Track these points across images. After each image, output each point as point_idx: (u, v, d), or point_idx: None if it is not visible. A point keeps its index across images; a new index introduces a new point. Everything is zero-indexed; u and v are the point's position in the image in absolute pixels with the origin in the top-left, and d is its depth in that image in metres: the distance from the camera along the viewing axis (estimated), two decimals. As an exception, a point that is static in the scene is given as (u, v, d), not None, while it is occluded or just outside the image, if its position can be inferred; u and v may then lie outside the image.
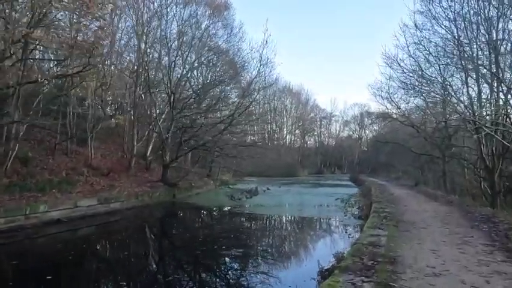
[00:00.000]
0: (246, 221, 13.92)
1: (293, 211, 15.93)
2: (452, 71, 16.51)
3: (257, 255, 8.90)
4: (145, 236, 12.48)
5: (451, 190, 24.61)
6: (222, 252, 8.94)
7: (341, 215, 14.36)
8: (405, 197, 17.24)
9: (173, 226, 13.99)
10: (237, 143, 22.93)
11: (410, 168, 36.98)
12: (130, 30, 21.82)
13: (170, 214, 16.47)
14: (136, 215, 15.31)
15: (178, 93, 20.04)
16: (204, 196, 21.09)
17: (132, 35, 21.37)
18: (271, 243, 10.24)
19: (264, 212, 15.47)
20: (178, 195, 20.28)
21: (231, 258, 8.60)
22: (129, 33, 22.31)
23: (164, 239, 11.95)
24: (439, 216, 10.35)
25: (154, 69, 21.24)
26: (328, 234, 11.93)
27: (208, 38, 20.79)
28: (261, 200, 18.67)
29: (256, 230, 12.31)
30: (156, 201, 18.02)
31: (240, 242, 10.10)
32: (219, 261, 8.55)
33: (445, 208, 12.54)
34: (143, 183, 19.93)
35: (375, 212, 10.94)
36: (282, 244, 9.87)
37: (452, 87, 14.11)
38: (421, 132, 26.13)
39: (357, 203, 16.18)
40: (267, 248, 9.62)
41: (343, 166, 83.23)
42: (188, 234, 12.15)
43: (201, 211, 17.02)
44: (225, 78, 20.46)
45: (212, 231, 12.31)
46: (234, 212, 15.75)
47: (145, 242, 11.52)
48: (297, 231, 12.13)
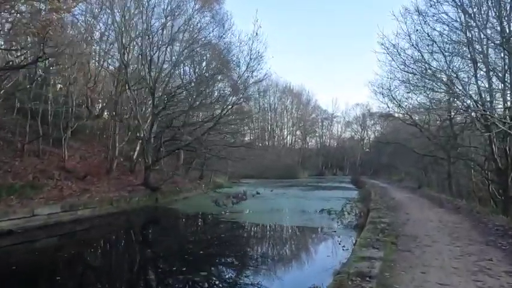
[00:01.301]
0: (223, 231, 12.33)
1: (281, 218, 14.37)
2: (458, 63, 14.96)
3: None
4: (111, 247, 10.99)
5: (457, 193, 23.00)
6: (180, 277, 7.41)
7: (335, 224, 12.79)
8: (407, 202, 15.65)
9: (144, 237, 12.40)
10: (225, 143, 21.39)
11: (413, 170, 35.41)
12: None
13: (146, 222, 14.92)
14: (109, 223, 13.80)
15: (160, 90, 18.57)
16: (190, 201, 19.57)
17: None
18: (236, 265, 8.62)
19: (248, 219, 13.88)
20: (161, 200, 18.76)
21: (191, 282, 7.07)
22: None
23: (131, 251, 10.43)
24: (446, 228, 8.77)
25: (136, 64, 19.76)
26: (311, 252, 10.29)
27: (198, 32, 19.25)
28: (249, 206, 17.12)
29: (229, 244, 10.69)
30: (135, 206, 16.50)
31: (203, 261, 8.54)
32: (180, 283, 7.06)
33: (453, 217, 10.95)
34: (123, 187, 18.44)
35: (371, 222, 9.37)
36: (245, 268, 8.14)
37: (459, 79, 12.47)
38: (424, 132, 24.54)
39: (353, 209, 14.61)
40: (226, 274, 8.02)
41: (345, 167, 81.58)
42: (156, 247, 10.62)
43: (181, 219, 15.47)
44: (212, 73, 18.90)
45: (183, 243, 10.74)
46: (215, 220, 14.22)
47: (109, 255, 10.03)
48: (275, 246, 10.49)
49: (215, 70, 18.79)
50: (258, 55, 18.40)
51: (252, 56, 18.19)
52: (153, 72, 17.85)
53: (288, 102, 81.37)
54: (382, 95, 24.34)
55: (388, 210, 12.05)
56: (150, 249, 10.46)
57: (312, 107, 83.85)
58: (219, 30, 19.72)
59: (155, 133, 18.39)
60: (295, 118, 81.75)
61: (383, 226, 8.71)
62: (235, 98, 19.31)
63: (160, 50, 18.02)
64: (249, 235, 11.87)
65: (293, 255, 9.78)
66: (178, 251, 9.76)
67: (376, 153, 55.91)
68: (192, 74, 19.69)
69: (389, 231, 8.11)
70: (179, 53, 18.44)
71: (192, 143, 18.75)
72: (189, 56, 18.62)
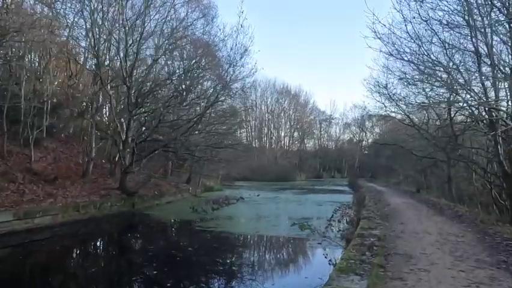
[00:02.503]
0: (192, 243, 10.85)
1: (263, 227, 12.98)
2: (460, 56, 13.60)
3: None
4: (60, 262, 9.57)
5: (457, 198, 21.67)
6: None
7: (322, 232, 11.39)
8: (404, 208, 14.26)
9: (100, 250, 10.97)
10: (208, 144, 19.99)
11: (412, 173, 34.12)
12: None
13: (111, 231, 13.40)
14: (72, 232, 12.34)
15: (137, 87, 17.18)
16: (171, 206, 18.16)
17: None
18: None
19: (226, 228, 12.46)
20: (139, 205, 17.37)
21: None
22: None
23: (77, 267, 9.02)
24: (448, 243, 7.39)
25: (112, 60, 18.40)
26: (289, 269, 8.90)
27: (179, 23, 17.87)
28: (231, 212, 15.76)
29: (191, 261, 9.27)
30: (107, 213, 15.10)
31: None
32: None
33: (454, 227, 9.57)
34: (96, 191, 17.07)
35: (359, 236, 7.98)
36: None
37: (461, 72, 11.10)
38: (423, 133, 23.20)
39: (344, 217, 13.24)
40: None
41: (343, 170, 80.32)
42: (108, 264, 9.22)
43: (152, 227, 14.02)
44: (195, 67, 17.53)
45: (138, 259, 9.33)
46: (188, 229, 12.86)
47: (63, 271, 8.63)
48: (248, 262, 9.09)
49: (198, 64, 17.39)
50: (243, 48, 17.09)
51: (236, 50, 16.89)
52: (129, 66, 16.47)
53: (285, 104, 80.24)
54: (379, 93, 23.14)
55: (381, 219, 10.66)
56: (100, 265, 9.04)
57: (310, 108, 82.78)
58: (203, 23, 18.40)
59: (132, 133, 17.01)
60: (292, 120, 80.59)
61: (372, 241, 7.33)
62: (220, 93, 17.87)
63: (138, 43, 16.64)
64: (222, 248, 10.43)
65: (267, 275, 8.38)
66: (127, 269, 8.37)
67: (375, 155, 54.69)
68: (172, 70, 18.30)
69: (378, 248, 6.73)
70: (158, 46, 17.07)
71: (170, 143, 17.36)
72: (170, 50, 17.24)
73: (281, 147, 77.97)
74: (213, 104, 18.03)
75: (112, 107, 16.91)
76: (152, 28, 16.82)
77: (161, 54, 17.34)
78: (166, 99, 17.18)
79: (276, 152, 73.90)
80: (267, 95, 78.36)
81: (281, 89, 78.20)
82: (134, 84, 17.09)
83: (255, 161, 67.07)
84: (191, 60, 18.79)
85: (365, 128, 77.08)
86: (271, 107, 79.33)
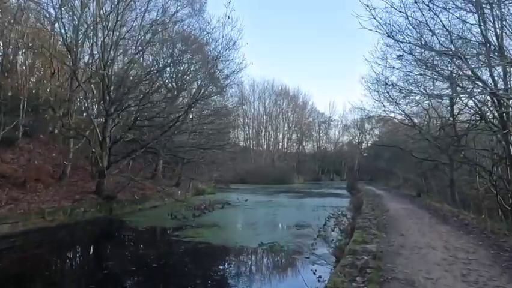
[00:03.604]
0: (162, 256, 9.48)
1: (248, 237, 11.68)
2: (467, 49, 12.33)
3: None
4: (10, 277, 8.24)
5: (460, 202, 20.36)
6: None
7: (311, 244, 10.10)
8: (404, 215, 12.96)
9: (55, 264, 9.50)
10: (193, 145, 18.68)
11: (412, 176, 32.83)
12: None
13: (79, 240, 11.87)
14: (31, 242, 10.87)
15: (116, 84, 15.89)
16: (152, 212, 16.80)
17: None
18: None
19: (205, 238, 11.09)
20: (118, 210, 16.04)
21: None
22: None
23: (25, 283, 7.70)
24: (457, 263, 6.10)
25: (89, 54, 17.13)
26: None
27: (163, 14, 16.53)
28: (215, 219, 14.45)
29: (159, 275, 7.96)
30: (79, 219, 13.77)
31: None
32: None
33: (462, 240, 8.27)
34: (71, 195, 15.76)
35: (350, 253, 6.67)
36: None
37: (467, 62, 9.79)
38: (424, 134, 21.94)
39: (337, 226, 11.94)
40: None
41: (342, 173, 78.96)
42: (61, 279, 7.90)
43: (125, 236, 12.66)
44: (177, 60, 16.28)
45: (100, 276, 8.00)
46: (163, 238, 11.57)
47: None
48: (221, 280, 7.79)
49: (182, 59, 16.12)
50: (231, 41, 15.83)
51: (223, 43, 15.65)
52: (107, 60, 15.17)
53: (284, 105, 78.94)
54: (377, 92, 21.96)
55: (378, 229, 9.37)
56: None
57: (308, 110, 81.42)
58: (188, 14, 17.12)
59: (110, 133, 15.71)
60: (291, 121, 79.29)
61: (365, 260, 6.03)
62: (206, 87, 16.56)
63: (117, 37, 15.37)
64: (194, 263, 9.02)
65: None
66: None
67: (374, 158, 53.44)
68: (154, 65, 16.95)
69: (372, 271, 5.43)
70: (140, 40, 15.77)
71: (151, 144, 16.06)
72: (151, 44, 15.96)
73: (279, 149, 76.62)
74: (197, 100, 16.69)
75: (88, 105, 15.61)
76: (133, 19, 15.58)
77: (141, 49, 16.02)
78: (148, 97, 15.86)
79: (274, 154, 72.59)
80: (265, 96, 77.15)
81: (279, 91, 76.99)
82: (113, 81, 15.83)
83: (251, 164, 65.83)
84: (173, 54, 17.44)
85: (365, 130, 75.85)
86: (269, 109, 78.05)
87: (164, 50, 17.18)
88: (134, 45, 16.04)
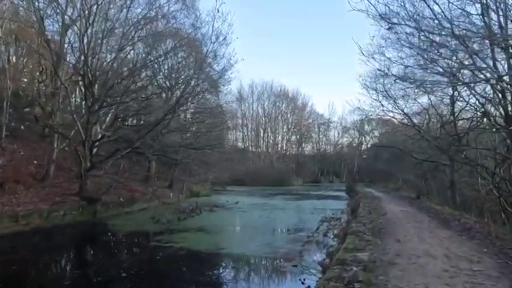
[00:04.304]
0: (138, 262, 8.63)
1: (234, 243, 10.93)
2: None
3: None
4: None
5: (461, 204, 19.59)
6: None
7: (301, 250, 9.31)
8: (402, 219, 12.18)
9: (18, 273, 8.63)
10: (183, 145, 17.88)
11: (412, 177, 32.08)
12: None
13: (51, 246, 10.75)
14: (2, 248, 10.02)
15: (101, 81, 15.13)
16: (139, 215, 15.95)
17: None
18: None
19: (189, 244, 10.26)
20: (102, 213, 15.25)
21: None
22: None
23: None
24: (460, 276, 5.32)
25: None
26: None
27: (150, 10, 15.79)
28: (201, 223, 13.66)
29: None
30: (58, 223, 12.96)
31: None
32: None
33: (465, 247, 7.50)
34: (51, 197, 14.98)
35: (339, 263, 5.91)
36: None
37: (471, 55, 9.03)
38: (424, 134, 21.20)
39: (330, 230, 11.17)
40: None
41: (342, 174, 78.11)
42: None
43: (103, 241, 11.79)
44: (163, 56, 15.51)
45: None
46: (144, 244, 10.75)
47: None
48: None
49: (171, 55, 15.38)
50: (221, 36, 15.08)
51: (212, 39, 14.90)
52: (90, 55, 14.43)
53: (283, 107, 78.16)
54: (375, 91, 21.27)
55: (373, 234, 8.60)
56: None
57: (308, 111, 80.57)
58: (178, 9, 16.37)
59: (94, 132, 14.96)
60: (290, 123, 78.47)
61: (354, 271, 5.26)
62: (195, 79, 15.75)
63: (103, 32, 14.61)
64: (170, 271, 8.23)
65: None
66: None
67: (373, 159, 52.69)
68: (139, 61, 16.16)
69: (361, 286, 4.66)
70: (125, 35, 15.00)
71: (136, 143, 15.26)
72: (139, 39, 15.21)
73: (277, 151, 75.80)
74: (184, 96, 15.82)
75: (70, 103, 14.85)
76: (117, 12, 14.81)
77: (125, 44, 15.23)
78: (129, 94, 15.08)
79: (272, 156, 71.79)
80: (264, 97, 76.44)
81: (278, 92, 76.24)
82: (98, 77, 15.07)
83: (249, 165, 65.04)
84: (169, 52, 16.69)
85: (364, 132, 75.00)
86: (268, 110, 77.29)
87: (156, 47, 16.38)
88: (119, 40, 15.29)
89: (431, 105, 21.91)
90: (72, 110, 14.89)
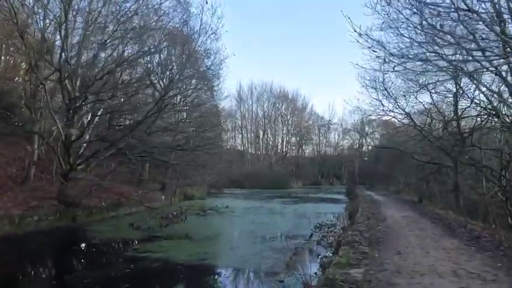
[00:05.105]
0: (103, 277, 7.65)
1: (218, 251, 9.99)
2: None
3: None
4: None
5: (464, 208, 18.62)
6: None
7: (289, 263, 8.35)
8: (403, 226, 11.20)
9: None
10: (171, 146, 16.91)
11: (413, 180, 31.10)
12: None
13: (21, 255, 9.83)
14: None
15: (82, 77, 14.24)
16: (123, 220, 14.90)
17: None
18: None
19: (168, 253, 9.18)
20: (82, 218, 14.29)
21: None
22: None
23: None
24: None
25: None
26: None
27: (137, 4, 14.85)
28: (189, 228, 12.67)
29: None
30: (32, 229, 11.99)
31: None
32: None
33: (476, 261, 6.53)
34: (28, 201, 14.05)
35: (328, 284, 4.95)
36: None
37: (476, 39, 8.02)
38: (425, 134, 20.26)
39: (325, 238, 10.21)
40: None
41: (342, 177, 77.13)
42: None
43: (76, 249, 10.75)
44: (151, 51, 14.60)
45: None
46: (119, 253, 9.78)
47: None
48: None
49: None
50: (210, 30, 14.20)
51: (200, 33, 14.01)
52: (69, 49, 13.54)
53: (282, 108, 77.26)
54: (375, 89, 20.45)
55: (370, 244, 7.63)
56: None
57: (308, 113, 79.67)
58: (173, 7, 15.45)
59: (75, 132, 14.04)
60: (290, 125, 77.53)
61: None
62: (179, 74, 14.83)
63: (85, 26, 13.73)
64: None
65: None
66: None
67: (374, 161, 51.74)
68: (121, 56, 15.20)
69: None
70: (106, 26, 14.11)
71: (119, 143, 14.33)
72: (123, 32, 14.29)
73: (277, 152, 74.84)
74: (168, 92, 14.83)
75: (48, 101, 13.92)
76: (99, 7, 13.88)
77: (106, 39, 14.27)
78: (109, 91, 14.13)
79: (272, 158, 70.82)
80: (263, 98, 75.61)
81: (278, 93, 75.40)
82: (80, 74, 14.19)
83: (248, 167, 64.12)
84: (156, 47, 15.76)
85: (365, 134, 73.93)
86: (268, 112, 76.43)
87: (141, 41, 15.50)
88: (101, 35, 14.40)
89: (433, 104, 20.98)
90: (50, 109, 13.94)
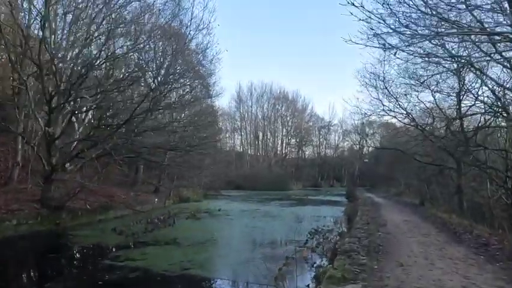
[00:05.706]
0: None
1: (205, 258, 9.23)
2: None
3: None
4: None
5: (468, 211, 17.90)
6: None
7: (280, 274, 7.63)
8: (405, 231, 10.46)
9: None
10: (160, 146, 16.18)
11: (415, 182, 30.35)
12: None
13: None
14: None
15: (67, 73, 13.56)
16: (111, 224, 14.07)
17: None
18: None
19: (149, 261, 8.40)
20: (67, 222, 13.56)
21: None
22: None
23: None
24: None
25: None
26: None
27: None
28: (177, 233, 11.96)
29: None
30: (10, 234, 11.22)
31: None
32: None
33: (486, 273, 5.78)
34: (8, 204, 13.34)
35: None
36: None
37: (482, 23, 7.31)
38: (427, 133, 19.59)
39: (321, 245, 9.49)
40: None
41: (342, 179, 76.41)
42: None
43: (51, 256, 9.95)
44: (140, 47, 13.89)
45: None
46: (96, 262, 9.07)
47: None
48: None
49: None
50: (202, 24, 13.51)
51: (191, 27, 13.34)
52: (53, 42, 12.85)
53: (282, 109, 76.57)
54: (375, 87, 19.89)
55: (368, 254, 6.89)
56: None
57: (308, 114, 78.98)
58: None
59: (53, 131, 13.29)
60: (290, 126, 76.83)
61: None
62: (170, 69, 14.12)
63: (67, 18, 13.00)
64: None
65: None
66: None
67: (375, 163, 50.99)
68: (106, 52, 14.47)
69: None
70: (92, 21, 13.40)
71: (105, 143, 13.62)
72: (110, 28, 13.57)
73: (277, 154, 74.13)
74: (153, 89, 14.05)
75: (30, 98, 13.23)
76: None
77: (91, 35, 13.55)
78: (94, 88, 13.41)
79: (271, 159, 70.09)
80: (263, 100, 74.99)
81: (278, 94, 74.76)
82: (63, 69, 13.52)
83: (247, 169, 63.46)
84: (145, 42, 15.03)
85: (365, 135, 73.02)
86: (268, 113, 75.78)
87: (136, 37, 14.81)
88: (87, 29, 13.71)
89: (435, 103, 20.30)
90: (31, 107, 13.26)
